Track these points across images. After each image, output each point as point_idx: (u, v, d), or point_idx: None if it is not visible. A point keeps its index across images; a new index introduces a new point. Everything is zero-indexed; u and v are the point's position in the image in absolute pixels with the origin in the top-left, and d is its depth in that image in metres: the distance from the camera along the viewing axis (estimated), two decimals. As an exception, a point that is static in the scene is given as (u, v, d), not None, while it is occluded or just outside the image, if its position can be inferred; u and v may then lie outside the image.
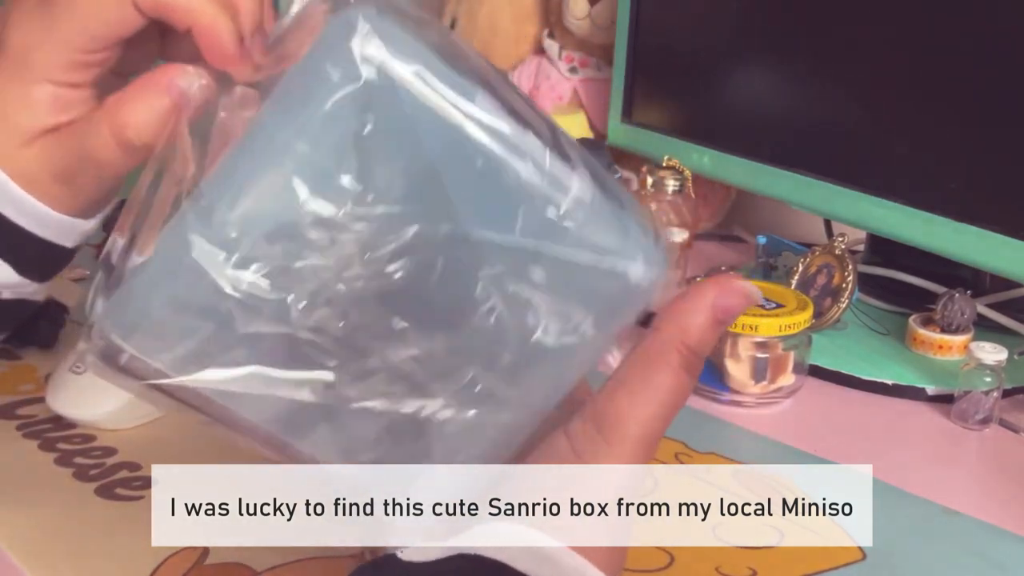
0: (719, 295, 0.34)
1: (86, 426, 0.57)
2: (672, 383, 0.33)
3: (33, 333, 0.66)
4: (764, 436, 0.60)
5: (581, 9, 0.98)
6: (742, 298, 0.34)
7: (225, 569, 0.45)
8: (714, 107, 0.85)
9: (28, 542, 0.47)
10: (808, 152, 0.76)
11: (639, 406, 0.33)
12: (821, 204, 0.75)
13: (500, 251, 0.31)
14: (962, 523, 0.52)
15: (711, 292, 0.34)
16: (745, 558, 0.48)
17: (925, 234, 0.66)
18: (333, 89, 0.29)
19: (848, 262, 0.71)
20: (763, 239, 0.82)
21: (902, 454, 0.59)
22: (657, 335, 0.34)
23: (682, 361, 0.33)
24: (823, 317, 0.71)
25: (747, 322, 0.61)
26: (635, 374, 0.33)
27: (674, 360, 0.33)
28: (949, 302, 0.69)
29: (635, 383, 0.33)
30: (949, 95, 0.65)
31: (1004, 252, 0.61)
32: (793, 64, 0.78)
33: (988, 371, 0.61)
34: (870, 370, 0.67)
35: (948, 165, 0.66)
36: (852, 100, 0.72)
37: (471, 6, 1.07)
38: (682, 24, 0.88)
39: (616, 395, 0.33)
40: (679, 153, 0.85)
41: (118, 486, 0.51)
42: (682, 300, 0.34)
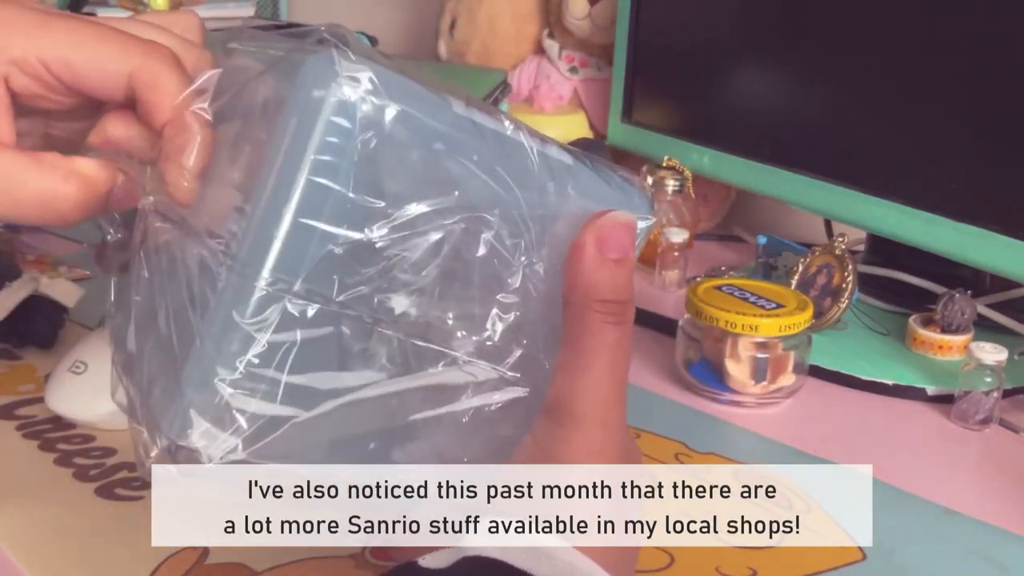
0: (598, 239, 0.33)
1: (86, 426, 0.57)
2: (602, 342, 0.33)
3: (33, 333, 0.66)
4: (764, 436, 0.60)
5: (581, 9, 0.99)
6: (620, 228, 0.33)
7: (225, 569, 0.45)
8: (714, 107, 0.85)
9: (28, 542, 0.47)
10: (808, 152, 0.76)
11: (578, 380, 0.33)
12: (821, 204, 0.75)
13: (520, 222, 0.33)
14: (962, 523, 0.52)
15: (589, 240, 0.33)
16: (745, 558, 0.48)
17: (925, 234, 0.66)
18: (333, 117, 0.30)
19: (848, 262, 0.71)
20: (763, 239, 0.82)
21: (902, 454, 0.59)
22: (569, 307, 0.33)
23: (603, 317, 0.33)
24: (823, 317, 0.71)
25: (747, 322, 0.61)
26: (567, 353, 0.33)
27: (595, 320, 0.33)
28: (949, 302, 0.69)
29: (567, 360, 0.33)
30: (949, 95, 0.65)
31: (1004, 252, 0.61)
32: (793, 64, 0.78)
33: (988, 371, 0.61)
34: (870, 370, 0.67)
35: (948, 165, 0.66)
36: (852, 100, 0.72)
37: (471, 6, 1.07)
38: (682, 24, 0.88)
39: (557, 380, 0.33)
40: (679, 153, 0.85)
41: (118, 486, 0.51)
42: (570, 264, 0.33)
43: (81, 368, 0.56)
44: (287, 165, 0.30)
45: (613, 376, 0.33)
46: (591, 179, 0.35)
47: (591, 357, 0.33)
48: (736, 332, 0.62)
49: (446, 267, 0.32)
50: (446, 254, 0.32)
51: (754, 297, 0.64)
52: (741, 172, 0.81)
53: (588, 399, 0.33)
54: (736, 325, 0.61)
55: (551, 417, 0.33)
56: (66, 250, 0.86)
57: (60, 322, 0.68)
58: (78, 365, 0.57)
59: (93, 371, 0.56)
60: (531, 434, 0.33)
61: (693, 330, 0.65)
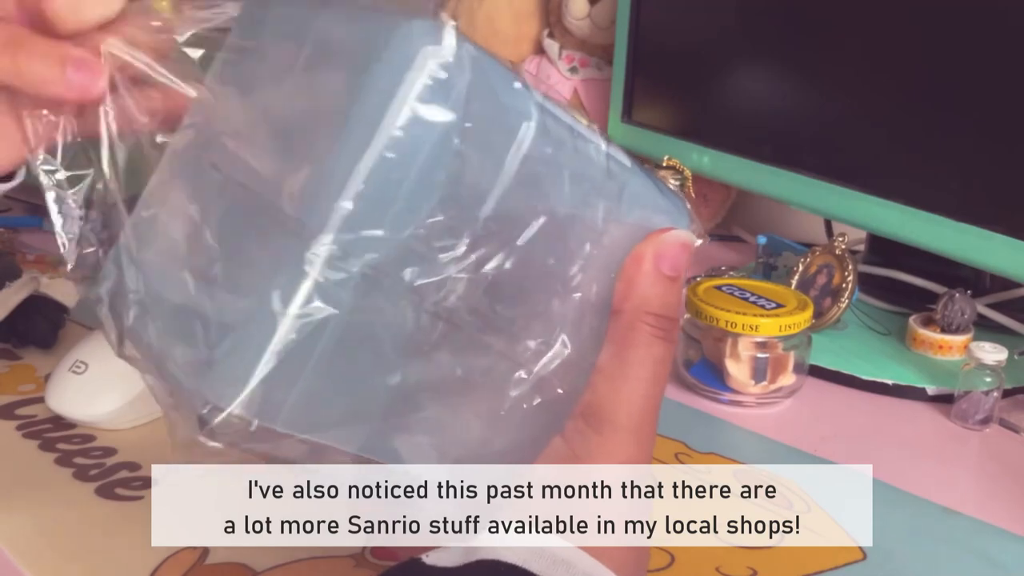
0: (657, 255, 0.33)
1: (86, 426, 0.57)
2: (648, 355, 0.33)
3: (33, 333, 0.66)
4: (764, 436, 0.60)
5: (581, 9, 0.98)
6: (678, 247, 0.34)
7: (225, 569, 0.45)
8: (714, 107, 0.85)
9: (28, 542, 0.47)
10: (808, 152, 0.76)
11: (620, 389, 0.33)
12: (821, 204, 0.75)
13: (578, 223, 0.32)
14: (962, 523, 0.52)
15: (648, 253, 0.33)
16: (745, 558, 0.48)
17: (925, 234, 0.66)
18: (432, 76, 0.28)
19: (848, 262, 0.71)
20: (763, 239, 0.82)
21: (902, 454, 0.59)
22: (620, 316, 0.33)
23: (653, 331, 0.33)
24: (823, 317, 0.71)
25: (747, 322, 0.61)
26: (610, 360, 0.33)
27: (643, 332, 0.33)
28: (949, 302, 0.69)
29: (611, 368, 0.33)
30: (950, 95, 0.65)
31: (1004, 252, 0.61)
32: (793, 64, 0.78)
33: (988, 371, 0.61)
34: (870, 370, 0.67)
35: (948, 165, 0.66)
36: (852, 100, 0.72)
37: (470, 6, 1.07)
38: (682, 24, 0.88)
39: (596, 385, 0.33)
40: (679, 153, 0.85)
41: (118, 486, 0.51)
42: (627, 274, 0.33)
43: (81, 368, 0.56)
44: (375, 129, 0.28)
45: (654, 390, 0.33)
46: (646, 184, 0.35)
47: (636, 368, 0.33)
48: (736, 332, 0.62)
49: (515, 261, 0.31)
50: (517, 249, 0.31)
51: (754, 297, 0.64)
52: (741, 172, 0.81)
53: (628, 408, 0.33)
54: (736, 325, 0.61)
55: (586, 422, 0.33)
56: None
57: (60, 322, 0.68)
58: (78, 365, 0.57)
59: (93, 371, 0.56)
60: (562, 436, 0.33)
61: (693, 330, 0.65)
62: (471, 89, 0.29)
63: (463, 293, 0.30)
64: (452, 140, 0.29)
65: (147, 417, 0.57)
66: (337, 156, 0.28)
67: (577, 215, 0.32)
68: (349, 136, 0.28)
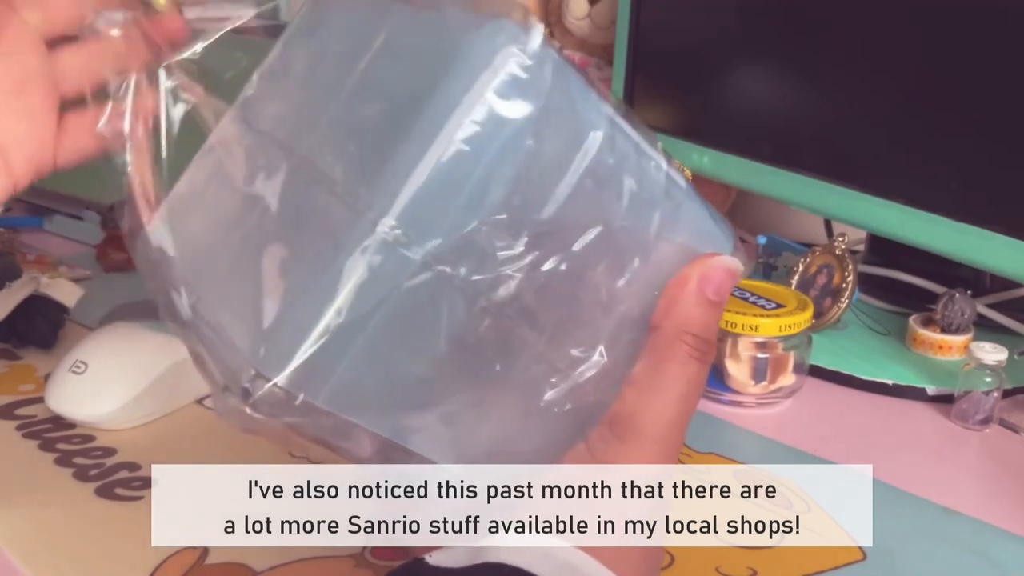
0: (702, 277, 0.34)
1: (86, 426, 0.57)
2: (683, 373, 0.33)
3: (33, 333, 0.66)
4: (764, 436, 0.60)
5: (581, 9, 0.98)
6: (724, 273, 0.34)
7: (225, 569, 0.45)
8: (714, 107, 0.85)
9: (28, 542, 0.47)
10: (808, 152, 0.76)
11: (652, 402, 0.33)
12: (821, 204, 0.75)
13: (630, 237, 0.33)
14: (962, 523, 0.52)
15: (695, 275, 0.34)
16: (745, 558, 0.48)
17: (925, 234, 0.66)
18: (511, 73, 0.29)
19: (848, 262, 0.71)
20: (763, 239, 0.82)
21: (902, 454, 0.59)
22: (659, 332, 0.34)
23: (690, 351, 0.33)
24: (823, 317, 0.71)
25: (747, 322, 0.61)
26: (644, 373, 0.33)
27: (681, 351, 0.33)
28: (949, 302, 0.69)
29: (645, 381, 0.33)
30: (950, 95, 0.65)
31: (1004, 252, 0.61)
32: (793, 64, 0.78)
33: (988, 371, 0.61)
34: (870, 370, 0.67)
35: (948, 165, 0.66)
36: (852, 100, 0.72)
37: (471, 6, 1.07)
38: (682, 24, 0.88)
39: (627, 396, 0.33)
40: (679, 153, 0.85)
41: (118, 486, 0.51)
42: (671, 292, 0.34)
43: (81, 368, 0.56)
44: (451, 118, 0.28)
45: (685, 406, 0.33)
46: (699, 208, 0.35)
47: (670, 382, 0.33)
48: (736, 332, 0.62)
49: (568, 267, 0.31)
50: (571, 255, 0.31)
51: (754, 297, 0.64)
52: (741, 172, 0.81)
53: (657, 419, 0.33)
54: (736, 325, 0.61)
55: (611, 430, 0.33)
56: (66, 250, 0.86)
57: (60, 322, 0.68)
58: (78, 365, 0.57)
59: (93, 371, 0.56)
60: (586, 443, 0.33)
61: (693, 330, 0.65)
62: (549, 92, 0.29)
63: (514, 292, 0.30)
64: (525, 139, 0.29)
65: (147, 417, 0.57)
66: (410, 142, 0.28)
67: (631, 228, 0.33)
68: (425, 124, 0.28)
